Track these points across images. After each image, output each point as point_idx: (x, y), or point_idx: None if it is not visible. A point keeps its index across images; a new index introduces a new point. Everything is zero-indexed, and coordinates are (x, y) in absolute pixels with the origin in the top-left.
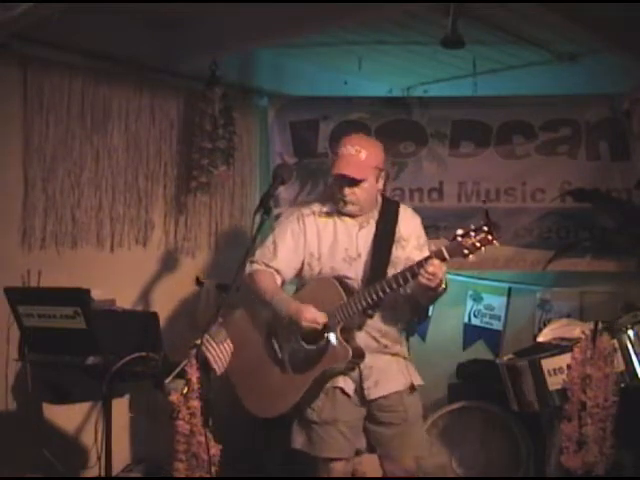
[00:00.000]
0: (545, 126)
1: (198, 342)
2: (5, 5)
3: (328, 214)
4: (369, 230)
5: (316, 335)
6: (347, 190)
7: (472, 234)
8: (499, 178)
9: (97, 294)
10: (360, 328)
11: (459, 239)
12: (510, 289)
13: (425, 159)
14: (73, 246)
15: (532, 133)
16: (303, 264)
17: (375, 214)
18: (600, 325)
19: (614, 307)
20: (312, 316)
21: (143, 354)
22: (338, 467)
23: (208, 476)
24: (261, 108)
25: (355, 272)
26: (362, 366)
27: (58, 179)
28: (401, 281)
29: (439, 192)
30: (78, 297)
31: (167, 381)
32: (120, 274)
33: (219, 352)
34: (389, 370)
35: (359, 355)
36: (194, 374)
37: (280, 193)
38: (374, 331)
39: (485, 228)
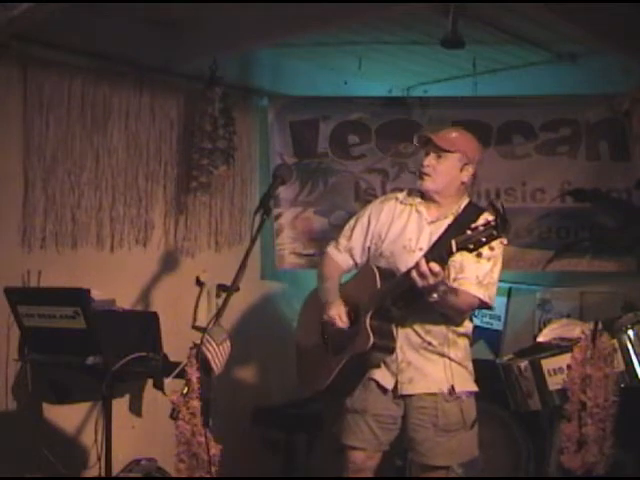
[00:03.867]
0: (545, 126)
1: (198, 342)
2: (5, 5)
3: (409, 203)
4: (439, 226)
5: (355, 319)
6: (426, 160)
7: (480, 229)
8: (499, 178)
9: (97, 294)
10: (398, 321)
11: (468, 233)
12: (510, 289)
13: None
14: (73, 246)
15: (532, 133)
16: (372, 244)
17: (453, 212)
18: (600, 325)
19: (614, 307)
20: (334, 314)
21: (143, 354)
22: (356, 457)
23: (208, 476)
24: (261, 108)
25: (407, 263)
26: (400, 360)
27: (58, 179)
28: (407, 279)
29: None
30: (78, 297)
31: (167, 381)
32: (120, 274)
33: (218, 352)
34: (429, 369)
35: (385, 347)
36: (194, 374)
37: (280, 193)
38: (417, 326)
39: (493, 223)
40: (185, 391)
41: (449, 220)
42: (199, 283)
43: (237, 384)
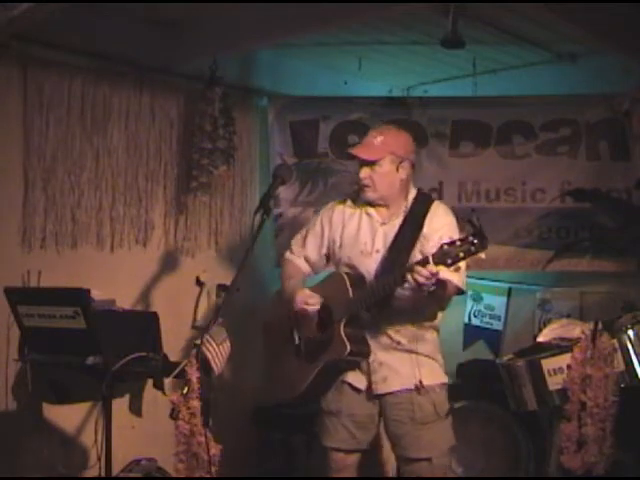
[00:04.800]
0: (545, 126)
1: (198, 342)
2: (5, 5)
3: (357, 207)
4: (392, 226)
5: (327, 326)
6: (362, 173)
7: (458, 244)
8: (499, 178)
9: (97, 294)
10: (368, 325)
11: (445, 247)
12: (510, 289)
13: (425, 159)
14: (73, 246)
15: (532, 133)
16: (329, 251)
17: (403, 210)
18: (600, 325)
19: (614, 307)
20: (302, 298)
21: (143, 354)
22: (337, 458)
23: (208, 476)
24: (261, 108)
25: (368, 267)
26: (372, 360)
27: (58, 179)
28: (391, 286)
29: (439, 192)
30: (78, 297)
31: (167, 381)
32: (120, 274)
33: (218, 352)
34: (400, 367)
35: (361, 353)
36: (194, 374)
37: (280, 193)
38: (387, 327)
39: (470, 239)
40: (185, 391)
41: (400, 218)
42: (199, 283)
43: (237, 384)
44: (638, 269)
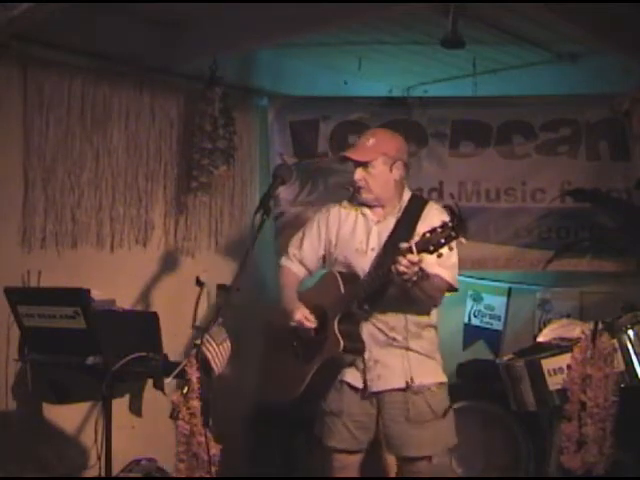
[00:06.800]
0: (545, 126)
1: (198, 342)
2: (5, 5)
3: (352, 207)
4: (386, 225)
5: (322, 327)
6: (355, 175)
7: (438, 231)
8: (499, 178)
9: (97, 294)
10: (363, 322)
11: (427, 235)
12: (510, 289)
13: (425, 159)
14: (73, 246)
15: (532, 133)
16: (326, 251)
17: (398, 210)
18: (600, 325)
19: (614, 307)
20: (300, 317)
21: (143, 354)
22: (340, 458)
23: (208, 476)
24: (261, 108)
25: (363, 265)
26: (367, 358)
27: (58, 179)
28: (380, 278)
29: (439, 192)
30: (78, 297)
31: (167, 381)
32: (120, 274)
33: (218, 352)
34: (394, 365)
35: (355, 349)
36: (194, 374)
37: (280, 193)
38: (381, 324)
39: (450, 224)
40: (185, 391)
41: (394, 217)
42: (199, 283)
43: (237, 384)
44: (638, 269)
